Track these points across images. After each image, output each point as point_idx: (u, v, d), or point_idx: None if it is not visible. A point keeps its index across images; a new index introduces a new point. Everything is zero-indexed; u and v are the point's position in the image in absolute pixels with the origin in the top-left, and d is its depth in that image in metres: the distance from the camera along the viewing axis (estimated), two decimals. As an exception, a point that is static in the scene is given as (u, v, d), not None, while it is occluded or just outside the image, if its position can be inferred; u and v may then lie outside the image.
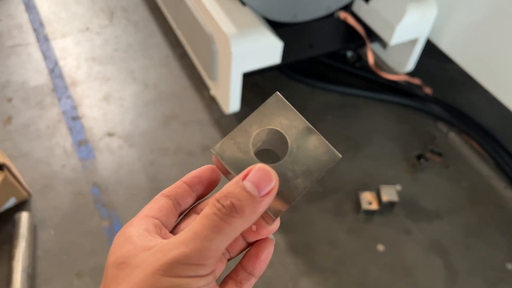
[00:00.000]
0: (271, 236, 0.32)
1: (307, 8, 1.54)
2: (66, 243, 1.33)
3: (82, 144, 1.57)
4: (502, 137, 1.62)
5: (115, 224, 1.38)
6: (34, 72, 1.79)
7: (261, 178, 0.27)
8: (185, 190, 0.33)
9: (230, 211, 0.26)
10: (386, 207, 1.46)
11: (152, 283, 0.25)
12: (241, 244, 0.33)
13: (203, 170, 0.33)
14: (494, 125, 1.65)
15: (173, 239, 0.27)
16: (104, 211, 1.41)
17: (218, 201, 0.27)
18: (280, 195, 0.29)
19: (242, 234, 0.32)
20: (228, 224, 0.26)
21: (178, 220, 0.34)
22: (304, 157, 0.30)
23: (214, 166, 0.33)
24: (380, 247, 1.39)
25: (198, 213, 0.33)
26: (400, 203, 1.47)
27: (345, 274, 1.33)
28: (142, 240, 0.29)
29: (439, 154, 1.62)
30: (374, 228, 1.43)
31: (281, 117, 0.31)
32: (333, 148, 0.31)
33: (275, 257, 1.34)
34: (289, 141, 0.30)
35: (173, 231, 0.33)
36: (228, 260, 0.33)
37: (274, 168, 0.29)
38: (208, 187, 0.34)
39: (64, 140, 1.57)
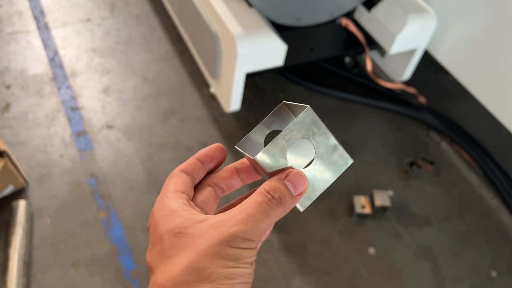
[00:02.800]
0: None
1: (310, 13, 1.57)
2: (63, 232, 1.34)
3: (81, 134, 1.57)
4: (492, 148, 1.68)
5: (112, 216, 1.39)
6: (34, 60, 1.78)
7: (298, 181, 0.34)
8: (199, 167, 0.38)
9: (278, 202, 0.33)
10: (378, 212, 1.50)
11: (218, 251, 0.30)
12: (237, 183, 0.40)
13: (214, 149, 0.39)
14: (484, 136, 1.70)
15: (228, 217, 0.32)
16: (101, 202, 1.41)
17: (268, 192, 0.33)
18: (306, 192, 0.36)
19: (240, 177, 0.39)
20: (274, 212, 0.32)
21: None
22: (326, 162, 0.36)
23: (222, 146, 0.39)
24: (371, 250, 1.43)
25: (212, 186, 0.38)
26: (392, 208, 1.51)
27: (337, 275, 1.36)
28: (188, 213, 0.33)
29: (431, 162, 1.66)
30: (366, 231, 1.47)
31: (311, 128, 0.35)
32: (347, 155, 0.37)
33: (269, 256, 1.36)
34: (315, 150, 0.36)
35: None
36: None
37: (304, 171, 0.35)
38: (217, 164, 0.39)
39: (62, 130, 1.57)
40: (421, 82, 1.86)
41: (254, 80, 1.84)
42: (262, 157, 0.34)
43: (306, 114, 0.34)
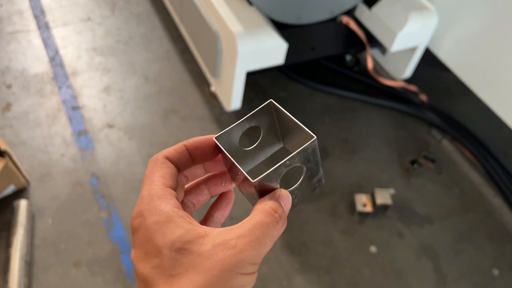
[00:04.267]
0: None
1: (311, 11, 1.57)
2: (64, 232, 1.34)
3: (82, 134, 1.57)
4: (493, 146, 1.67)
5: (113, 215, 1.39)
6: (35, 59, 1.78)
7: (288, 201, 0.34)
8: (186, 157, 0.35)
9: (282, 223, 0.32)
10: (380, 210, 1.50)
11: (229, 277, 0.29)
12: (206, 197, 0.39)
13: (204, 141, 0.35)
14: (486, 134, 1.69)
15: (235, 237, 0.30)
16: (103, 202, 1.41)
17: (276, 212, 0.32)
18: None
19: (208, 189, 0.38)
20: (277, 233, 0.32)
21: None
22: (305, 187, 0.37)
23: (214, 141, 0.35)
24: (373, 249, 1.42)
25: (209, 188, 0.38)
26: (393, 207, 1.51)
27: (338, 274, 1.36)
28: (185, 223, 0.30)
29: (432, 161, 1.66)
30: (367, 230, 1.47)
31: (308, 157, 0.35)
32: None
33: (271, 255, 1.36)
34: (303, 175, 0.36)
35: (183, 203, 0.37)
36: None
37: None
38: (206, 159, 0.36)
39: (63, 129, 1.57)
40: (423, 80, 1.85)
41: (255, 79, 1.83)
42: (260, 181, 0.34)
43: (310, 145, 0.34)
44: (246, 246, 0.30)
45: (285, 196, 0.34)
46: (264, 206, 0.32)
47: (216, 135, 0.35)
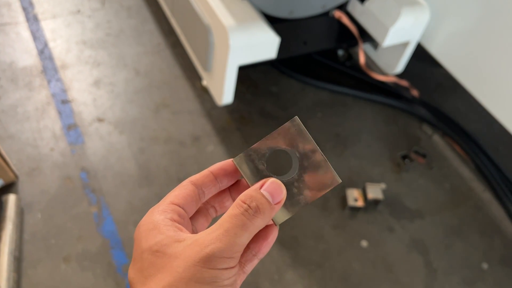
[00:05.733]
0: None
1: (303, 5, 1.56)
2: (54, 227, 1.32)
3: (72, 128, 1.55)
4: (483, 142, 1.68)
5: (103, 210, 1.37)
6: (23, 52, 1.75)
7: (275, 189, 0.33)
8: (211, 181, 0.36)
9: (255, 212, 0.31)
10: (371, 205, 1.50)
11: (194, 274, 0.29)
12: (228, 203, 0.38)
13: (229, 163, 0.36)
14: (476, 130, 1.70)
15: (205, 234, 0.30)
16: (93, 196, 1.40)
17: (244, 202, 0.31)
18: (284, 206, 0.34)
19: (230, 194, 0.38)
20: (252, 223, 0.31)
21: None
22: (309, 178, 0.34)
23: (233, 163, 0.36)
24: (364, 243, 1.43)
25: (204, 204, 0.37)
26: (384, 201, 1.52)
27: (330, 268, 1.36)
28: (170, 230, 0.31)
29: (423, 155, 1.67)
30: (358, 224, 1.47)
31: (296, 139, 0.34)
32: (335, 173, 0.34)
33: (262, 249, 1.36)
34: (298, 161, 0.34)
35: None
36: None
37: (282, 182, 0.34)
38: (231, 180, 0.37)
39: (53, 123, 1.55)
40: (414, 75, 1.86)
41: (246, 73, 1.83)
42: (239, 161, 0.34)
43: (292, 124, 0.33)
44: (212, 240, 0.30)
45: (270, 183, 0.33)
46: (237, 199, 0.32)
47: (235, 157, 0.36)
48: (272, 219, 0.34)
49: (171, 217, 0.33)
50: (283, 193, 0.33)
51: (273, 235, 0.36)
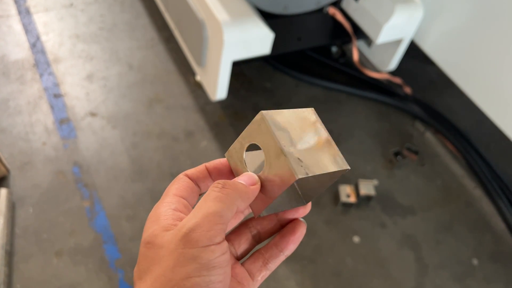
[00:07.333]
0: (303, 220, 0.36)
1: (297, 1, 1.56)
2: (46, 221, 1.32)
3: (64, 122, 1.54)
4: (475, 139, 1.70)
5: (96, 205, 1.37)
6: (15, 45, 1.74)
7: (248, 177, 0.33)
8: (205, 177, 0.36)
9: (224, 185, 0.31)
10: (363, 201, 1.51)
11: (177, 258, 0.28)
12: (275, 226, 0.36)
13: (223, 162, 0.37)
14: (468, 127, 1.72)
15: (186, 218, 0.30)
16: (85, 191, 1.39)
17: (218, 183, 0.32)
18: (261, 198, 0.34)
19: (277, 216, 0.36)
20: (226, 196, 0.30)
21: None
22: (274, 174, 0.33)
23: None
24: (356, 239, 1.44)
25: (249, 228, 0.37)
26: (376, 198, 1.53)
27: (322, 263, 1.37)
28: (165, 219, 0.31)
29: (416, 152, 1.68)
30: (351, 220, 1.48)
31: (262, 135, 0.34)
32: (295, 170, 0.32)
33: (255, 244, 1.36)
34: (265, 157, 0.34)
35: None
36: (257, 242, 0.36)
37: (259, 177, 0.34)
38: (225, 179, 0.37)
39: (45, 117, 1.54)
40: (407, 73, 1.87)
41: (240, 69, 1.82)
42: (227, 154, 0.35)
43: (258, 119, 0.33)
44: (188, 219, 0.29)
45: (242, 175, 0.33)
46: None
47: (227, 153, 0.36)
48: (252, 210, 0.35)
49: (176, 207, 0.32)
50: (255, 179, 0.33)
51: (301, 230, 0.36)
